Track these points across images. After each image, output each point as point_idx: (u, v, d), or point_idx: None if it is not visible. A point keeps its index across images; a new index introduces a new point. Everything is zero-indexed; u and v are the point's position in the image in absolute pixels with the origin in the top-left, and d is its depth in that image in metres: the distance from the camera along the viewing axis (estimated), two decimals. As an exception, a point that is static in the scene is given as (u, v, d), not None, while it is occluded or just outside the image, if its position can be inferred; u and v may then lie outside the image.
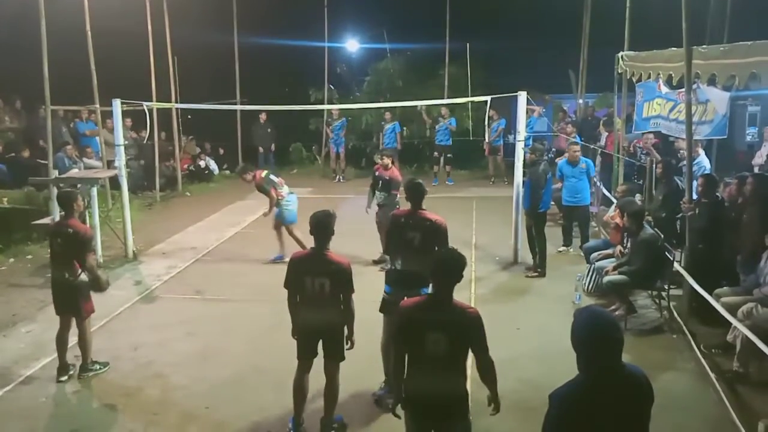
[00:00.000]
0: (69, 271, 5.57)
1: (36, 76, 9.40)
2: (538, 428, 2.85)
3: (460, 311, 3.65)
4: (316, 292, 4.43)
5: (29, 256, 9.43)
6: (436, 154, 15.02)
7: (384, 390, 5.09)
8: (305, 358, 4.66)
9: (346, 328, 4.62)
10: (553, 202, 9.08)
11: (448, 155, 14.93)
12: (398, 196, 8.33)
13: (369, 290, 5.30)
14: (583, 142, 11.47)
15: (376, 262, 8.53)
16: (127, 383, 5.65)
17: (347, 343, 4.65)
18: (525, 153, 8.63)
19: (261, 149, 16.19)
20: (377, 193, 8.60)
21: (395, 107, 14.68)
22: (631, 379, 2.72)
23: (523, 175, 8.61)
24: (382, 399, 5.05)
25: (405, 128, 16.44)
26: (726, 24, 10.44)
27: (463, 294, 7.62)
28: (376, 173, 8.68)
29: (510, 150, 11.69)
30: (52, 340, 6.37)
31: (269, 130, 16.19)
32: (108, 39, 11.33)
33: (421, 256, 4.92)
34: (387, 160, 8.66)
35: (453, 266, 3.68)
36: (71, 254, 5.58)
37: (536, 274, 8.21)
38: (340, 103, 16.20)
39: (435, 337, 3.53)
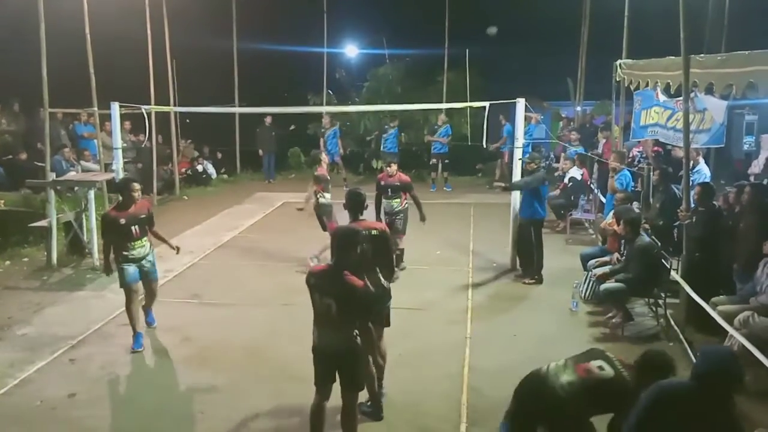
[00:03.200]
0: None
1: (35, 78, 9.39)
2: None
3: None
4: (324, 312, 4.16)
5: (25, 259, 9.40)
6: (434, 161, 15.03)
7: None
8: (321, 385, 4.35)
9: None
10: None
11: (446, 161, 14.95)
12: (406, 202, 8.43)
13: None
14: (580, 151, 11.52)
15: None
16: (124, 386, 5.64)
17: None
18: (523, 161, 8.62)
19: (261, 152, 16.18)
20: (386, 201, 8.43)
21: (395, 113, 14.72)
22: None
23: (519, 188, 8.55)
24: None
25: (403, 134, 16.48)
26: (724, 33, 10.51)
27: (460, 300, 7.64)
28: (382, 183, 8.43)
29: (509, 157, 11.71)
30: (47, 344, 6.38)
31: (273, 133, 16.19)
32: (107, 42, 11.32)
33: (371, 266, 4.74)
34: (393, 168, 8.46)
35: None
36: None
37: (533, 281, 8.20)
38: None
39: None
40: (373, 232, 4.97)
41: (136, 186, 6.34)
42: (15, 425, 5.01)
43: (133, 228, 6.19)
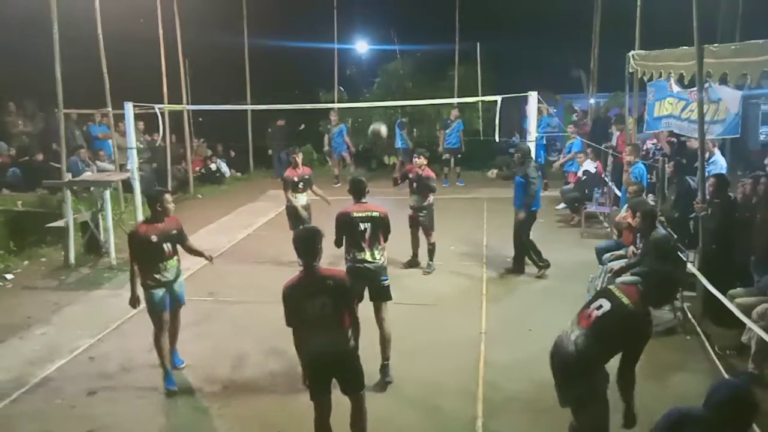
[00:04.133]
0: None
1: (50, 80, 9.49)
2: (552, 429, 2.86)
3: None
4: (318, 314, 4.06)
5: (43, 259, 9.52)
6: (446, 156, 15.00)
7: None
8: (319, 397, 4.25)
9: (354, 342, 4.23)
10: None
11: (458, 156, 14.92)
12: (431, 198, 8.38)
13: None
14: (593, 144, 11.45)
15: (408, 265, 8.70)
16: (141, 384, 5.69)
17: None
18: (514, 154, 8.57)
19: (270, 152, 16.25)
20: (412, 195, 8.48)
21: (406, 108, 14.69)
22: None
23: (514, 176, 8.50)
24: None
25: (415, 129, 16.45)
26: (738, 22, 10.38)
27: (475, 295, 7.64)
28: (410, 175, 8.44)
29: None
30: (66, 343, 6.46)
31: (285, 133, 16.23)
32: (119, 43, 11.41)
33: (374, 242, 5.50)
34: (423, 160, 8.37)
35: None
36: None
37: (540, 274, 8.20)
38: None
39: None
40: (374, 214, 5.54)
41: (169, 197, 5.65)
42: (35, 423, 5.08)
43: (165, 246, 5.50)
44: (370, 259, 5.47)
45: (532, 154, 8.49)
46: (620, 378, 3.85)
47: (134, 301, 5.53)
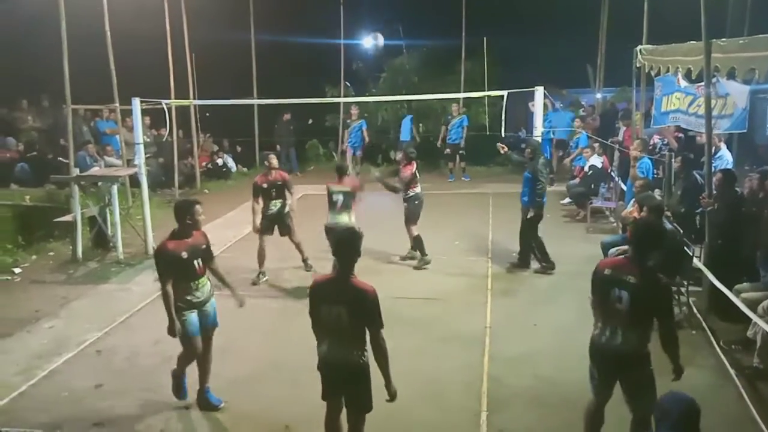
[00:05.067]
0: None
1: (58, 76, 9.54)
2: (555, 425, 2.88)
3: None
4: (333, 322, 3.86)
5: (51, 253, 9.58)
6: (448, 151, 14.94)
7: None
8: (330, 398, 4.13)
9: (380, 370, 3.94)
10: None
11: (461, 152, 14.87)
12: (412, 191, 8.37)
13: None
14: (600, 139, 11.41)
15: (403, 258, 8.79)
16: (149, 377, 5.73)
17: (387, 394, 3.96)
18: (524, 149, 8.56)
19: (278, 147, 16.28)
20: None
21: (411, 102, 14.64)
22: None
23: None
24: None
25: (421, 124, 16.42)
26: (746, 17, 10.29)
27: (480, 290, 7.64)
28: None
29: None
30: (73, 336, 6.51)
31: (291, 127, 16.24)
32: (127, 38, 11.44)
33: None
34: (401, 156, 8.60)
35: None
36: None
37: (542, 269, 8.19)
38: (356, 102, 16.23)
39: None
40: (346, 189, 7.56)
41: (200, 209, 5.08)
42: (43, 415, 5.12)
43: (195, 262, 4.96)
44: (335, 221, 7.43)
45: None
46: (665, 342, 3.98)
47: (176, 329, 4.89)
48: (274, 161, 8.09)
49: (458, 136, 14.72)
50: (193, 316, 4.96)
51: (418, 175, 8.54)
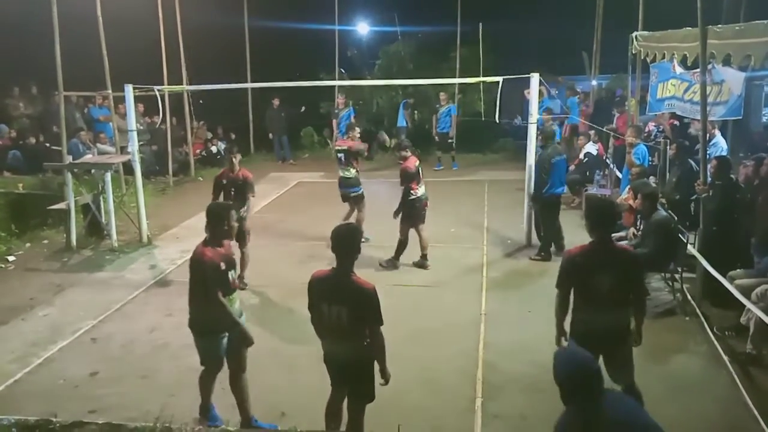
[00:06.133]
0: None
1: (50, 62, 9.45)
2: (550, 410, 2.88)
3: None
4: (333, 321, 3.81)
5: (45, 241, 9.54)
6: (437, 139, 14.85)
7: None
8: (336, 384, 4.16)
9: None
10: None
11: (449, 141, 14.78)
12: (414, 192, 7.79)
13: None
14: (594, 126, 11.40)
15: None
16: (144, 365, 5.74)
17: (381, 378, 3.99)
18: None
19: (271, 134, 16.21)
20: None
21: (407, 89, 14.55)
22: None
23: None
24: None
25: (416, 111, 16.35)
26: (742, 3, 10.27)
27: (475, 277, 7.66)
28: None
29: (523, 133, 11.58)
30: (68, 324, 6.50)
31: (282, 114, 16.16)
32: (119, 24, 11.32)
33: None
34: (402, 153, 7.99)
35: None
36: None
37: (539, 257, 8.20)
38: (351, 89, 16.14)
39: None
40: (344, 147, 8.72)
41: (234, 213, 4.66)
42: (38, 403, 5.11)
43: (230, 274, 4.47)
44: (343, 175, 8.64)
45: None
46: (637, 310, 4.26)
47: (249, 339, 4.51)
48: (237, 159, 7.48)
49: (446, 124, 14.62)
50: (224, 339, 4.50)
51: (421, 173, 8.01)
